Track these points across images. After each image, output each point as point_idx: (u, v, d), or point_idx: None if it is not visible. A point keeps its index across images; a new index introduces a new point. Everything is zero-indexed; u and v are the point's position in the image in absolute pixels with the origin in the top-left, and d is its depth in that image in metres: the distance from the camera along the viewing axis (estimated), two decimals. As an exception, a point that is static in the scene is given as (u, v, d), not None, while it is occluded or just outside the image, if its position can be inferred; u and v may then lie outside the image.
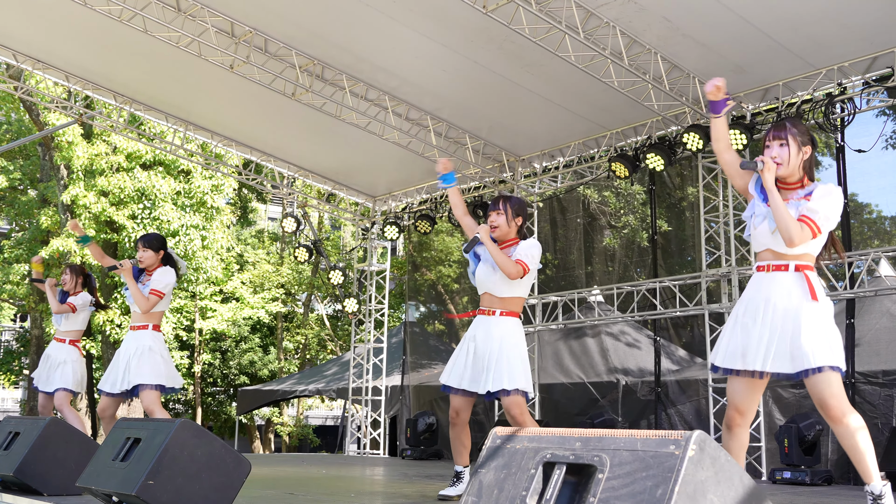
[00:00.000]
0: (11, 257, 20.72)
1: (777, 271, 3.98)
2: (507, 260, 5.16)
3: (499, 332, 5.23)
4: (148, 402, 6.29)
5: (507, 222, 5.33)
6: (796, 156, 4.02)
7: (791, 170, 4.03)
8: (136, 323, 6.49)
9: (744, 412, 3.99)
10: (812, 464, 8.58)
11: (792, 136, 4.01)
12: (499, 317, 5.29)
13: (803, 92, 9.44)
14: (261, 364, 24.69)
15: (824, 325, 3.88)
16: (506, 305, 5.30)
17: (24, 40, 11.00)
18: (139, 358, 6.31)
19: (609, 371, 12.29)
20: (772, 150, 4.04)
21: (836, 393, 3.80)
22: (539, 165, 12.42)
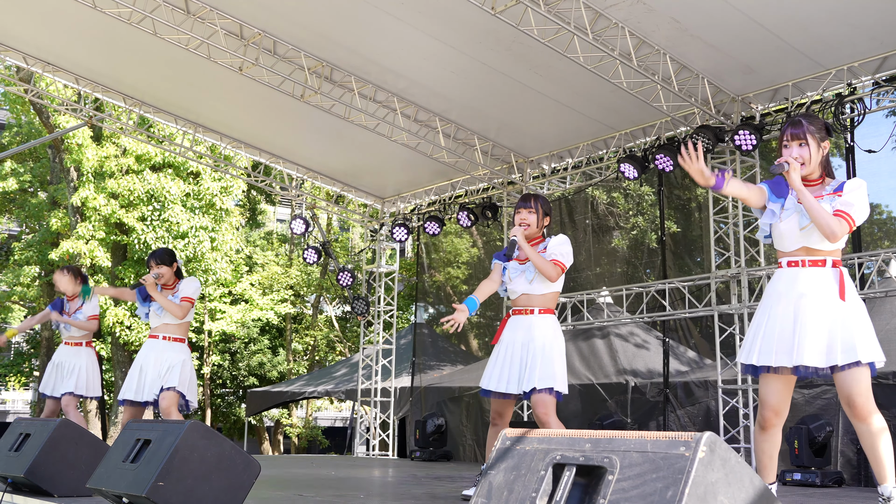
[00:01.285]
0: (22, 259, 20.80)
1: (813, 266, 3.94)
2: (545, 262, 5.12)
3: (540, 332, 5.17)
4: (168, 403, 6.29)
5: (537, 221, 5.30)
6: (817, 153, 3.99)
7: (813, 168, 4.00)
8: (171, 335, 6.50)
9: (780, 412, 3.96)
10: (822, 465, 8.55)
11: (810, 134, 3.98)
12: (538, 315, 5.22)
13: (813, 92, 9.42)
14: (270, 365, 24.73)
15: (860, 321, 3.85)
16: (542, 303, 5.25)
17: (34, 43, 11.05)
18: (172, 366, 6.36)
19: (618, 372, 12.27)
20: (791, 150, 3.99)
21: (863, 391, 3.78)
22: (548, 166, 12.41)
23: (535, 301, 5.24)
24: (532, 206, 5.29)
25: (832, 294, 3.88)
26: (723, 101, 9.82)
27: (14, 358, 27.46)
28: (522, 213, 5.28)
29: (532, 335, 5.16)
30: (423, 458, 12.68)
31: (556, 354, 5.15)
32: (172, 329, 6.50)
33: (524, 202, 5.32)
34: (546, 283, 5.19)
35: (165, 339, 6.48)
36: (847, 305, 3.86)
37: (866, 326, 3.86)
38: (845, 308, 3.85)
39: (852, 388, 3.78)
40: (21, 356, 26.95)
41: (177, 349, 6.45)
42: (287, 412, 26.01)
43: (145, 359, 6.47)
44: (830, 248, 3.95)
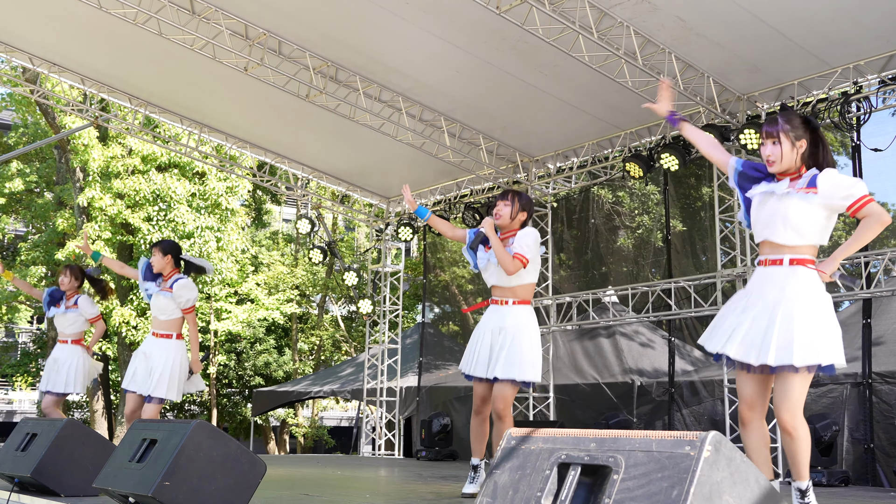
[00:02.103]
0: (28, 259, 20.86)
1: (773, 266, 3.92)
2: (506, 255, 5.21)
3: (511, 321, 5.28)
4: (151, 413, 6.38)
5: (511, 214, 5.39)
6: (790, 151, 3.93)
7: (786, 165, 3.94)
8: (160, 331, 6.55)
9: (753, 406, 3.91)
10: (829, 465, 8.53)
11: (784, 132, 3.93)
12: (511, 306, 5.34)
13: (818, 91, 9.40)
14: (276, 365, 24.75)
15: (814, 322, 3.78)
16: (516, 294, 5.35)
17: (39, 44, 11.07)
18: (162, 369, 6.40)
19: (624, 371, 12.26)
20: (766, 147, 3.98)
21: (793, 400, 3.74)
22: (553, 166, 12.40)
23: (508, 292, 5.37)
24: (508, 200, 5.40)
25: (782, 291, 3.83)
26: (728, 99, 9.80)
27: (21, 358, 27.53)
28: (498, 204, 5.41)
29: (504, 324, 5.28)
30: (428, 458, 12.68)
31: (525, 343, 5.24)
32: (159, 324, 6.55)
33: (502, 196, 5.46)
34: (517, 276, 5.28)
35: (154, 335, 6.56)
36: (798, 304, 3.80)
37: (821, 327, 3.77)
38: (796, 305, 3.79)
39: (779, 398, 3.76)
40: (28, 356, 27.01)
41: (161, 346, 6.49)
42: (293, 412, 26.03)
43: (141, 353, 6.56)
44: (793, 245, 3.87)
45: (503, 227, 5.40)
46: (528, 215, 5.47)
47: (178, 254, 6.70)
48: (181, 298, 6.49)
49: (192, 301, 6.55)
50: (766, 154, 3.97)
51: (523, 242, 5.28)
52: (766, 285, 3.89)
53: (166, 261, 6.59)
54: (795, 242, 3.85)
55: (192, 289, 6.56)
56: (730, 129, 9.70)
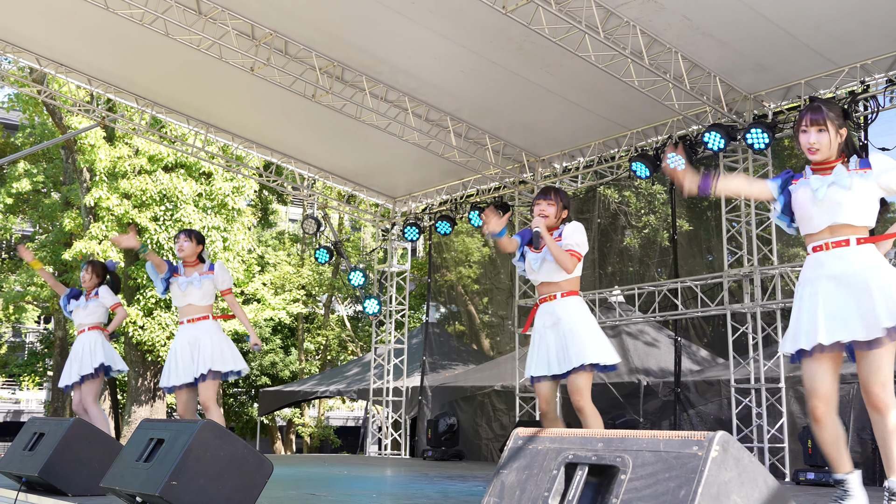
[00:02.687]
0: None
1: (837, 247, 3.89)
2: (563, 253, 5.24)
3: (565, 313, 5.29)
4: (207, 395, 6.36)
5: (556, 213, 5.41)
6: (835, 139, 3.93)
7: (828, 154, 3.94)
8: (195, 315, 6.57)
9: (829, 401, 3.84)
10: (836, 465, 8.49)
11: (829, 119, 3.92)
12: (560, 299, 5.34)
13: (826, 90, 9.37)
14: (282, 365, 24.78)
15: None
16: (562, 287, 5.36)
17: (46, 45, 11.10)
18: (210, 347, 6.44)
19: (630, 371, 12.24)
20: (809, 135, 3.94)
21: (882, 378, 3.68)
22: (559, 165, 12.39)
23: (555, 287, 5.36)
24: (552, 199, 5.39)
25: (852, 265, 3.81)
26: (735, 99, 9.78)
27: (28, 358, 27.61)
28: (542, 204, 5.39)
29: (558, 317, 5.28)
30: (435, 458, 12.69)
31: (583, 330, 5.21)
32: (196, 310, 6.56)
33: (544, 194, 5.42)
34: (564, 272, 5.30)
35: (191, 321, 6.54)
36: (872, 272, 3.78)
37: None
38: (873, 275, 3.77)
39: (870, 374, 3.70)
40: (35, 356, 27.09)
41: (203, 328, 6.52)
42: (299, 412, 26.06)
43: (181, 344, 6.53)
44: (855, 225, 3.86)
45: (548, 225, 5.41)
46: (569, 212, 5.53)
47: (204, 244, 6.84)
48: (223, 278, 6.61)
49: (230, 281, 6.69)
50: (809, 142, 3.94)
51: (575, 239, 5.31)
52: (831, 264, 3.86)
53: (199, 249, 6.68)
54: (860, 223, 3.85)
55: (228, 271, 6.74)
56: (736, 129, 9.68)
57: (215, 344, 6.44)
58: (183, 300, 6.58)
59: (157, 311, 18.04)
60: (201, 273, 6.58)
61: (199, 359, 6.39)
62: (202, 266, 6.64)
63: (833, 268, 3.85)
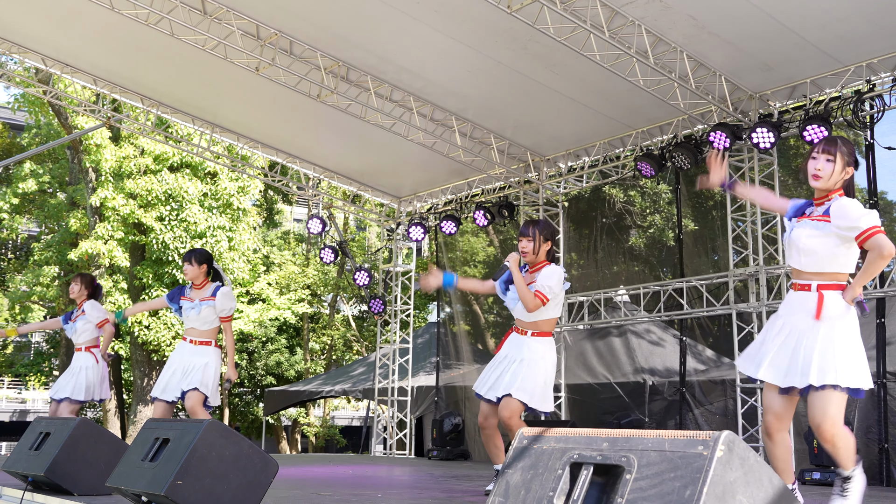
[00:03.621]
0: (41, 259, 20.96)
1: (800, 290, 4.04)
2: (528, 292, 5.35)
3: (529, 351, 5.44)
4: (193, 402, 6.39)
5: (535, 248, 5.51)
6: (839, 173, 4.02)
7: (829, 185, 4.03)
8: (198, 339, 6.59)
9: (782, 417, 4.02)
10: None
11: (841, 154, 4.02)
12: (529, 337, 5.48)
13: (831, 89, 9.35)
14: (287, 365, 24.80)
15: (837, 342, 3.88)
16: (536, 327, 5.50)
17: (52, 45, 11.12)
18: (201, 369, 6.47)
19: (635, 371, 12.23)
20: (818, 161, 4.03)
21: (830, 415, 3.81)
22: (564, 165, 12.38)
23: (530, 325, 5.52)
24: (530, 235, 5.52)
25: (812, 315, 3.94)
26: (740, 98, 9.77)
27: (34, 357, 27.69)
28: (522, 241, 5.56)
29: (521, 355, 5.44)
30: (440, 458, 12.69)
31: (540, 376, 5.39)
32: (198, 333, 6.59)
33: (524, 230, 5.58)
34: (538, 312, 5.43)
35: (192, 342, 6.58)
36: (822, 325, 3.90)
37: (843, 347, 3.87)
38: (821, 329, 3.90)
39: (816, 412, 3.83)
40: (41, 356, 27.16)
41: (201, 352, 6.53)
42: (304, 411, 26.07)
43: (175, 360, 6.60)
44: (817, 271, 3.99)
45: (532, 262, 5.56)
46: (551, 243, 5.62)
47: (211, 263, 6.77)
48: (224, 307, 6.57)
49: (232, 310, 6.65)
50: (815, 168, 4.04)
51: (546, 282, 5.41)
52: (794, 309, 4.02)
53: (202, 270, 6.64)
54: (812, 269, 3.98)
55: (232, 298, 6.68)
56: (742, 128, 9.66)
57: (207, 370, 6.46)
58: (187, 323, 6.65)
59: (163, 311, 18.06)
60: (202, 299, 6.57)
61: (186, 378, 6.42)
62: (209, 288, 6.62)
63: (794, 310, 4.01)
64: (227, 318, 6.61)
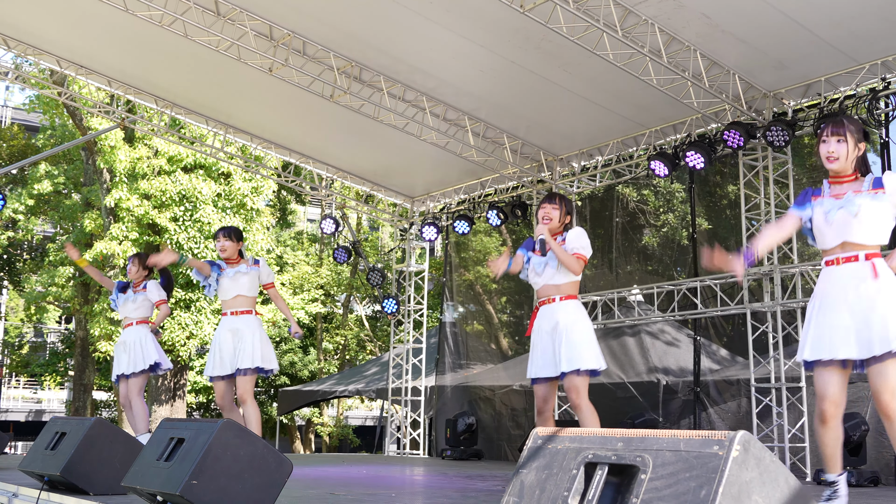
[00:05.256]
0: (56, 260, 21.06)
1: (847, 262, 4.11)
2: (569, 256, 5.42)
3: (563, 316, 5.45)
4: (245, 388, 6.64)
5: (560, 216, 5.58)
6: (853, 151, 4.16)
7: (846, 165, 4.17)
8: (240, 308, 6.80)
9: (839, 404, 4.08)
10: (858, 464, 8.45)
11: (850, 132, 4.16)
12: (559, 302, 5.50)
13: (846, 87, 9.30)
14: (301, 365, 24.85)
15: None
16: (561, 291, 5.52)
17: (67, 46, 11.17)
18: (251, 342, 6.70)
19: (649, 371, 12.19)
20: (829, 144, 4.17)
21: (890, 386, 3.90)
22: (577, 164, 12.36)
23: (554, 290, 5.53)
24: (556, 204, 5.59)
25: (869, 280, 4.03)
26: (754, 97, 9.73)
27: (49, 357, 27.82)
28: (547, 207, 5.60)
29: (556, 320, 5.45)
30: (454, 457, 12.69)
31: (578, 335, 5.40)
32: (239, 303, 6.81)
33: (549, 199, 5.64)
34: (567, 274, 5.49)
35: (234, 313, 6.81)
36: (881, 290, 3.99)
37: None
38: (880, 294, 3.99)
39: (879, 383, 3.93)
40: (56, 356, 27.28)
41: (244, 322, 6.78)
42: (318, 411, 26.12)
43: (220, 335, 6.78)
44: (867, 243, 4.09)
45: (551, 230, 5.57)
46: (571, 218, 5.71)
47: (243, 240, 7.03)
48: (267, 272, 6.92)
49: (273, 276, 7.03)
50: (827, 150, 4.17)
51: (581, 242, 5.49)
52: (845, 281, 4.08)
53: (238, 246, 6.88)
54: (870, 241, 4.09)
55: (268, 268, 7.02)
56: (756, 127, 9.62)
57: (256, 340, 6.69)
58: (232, 291, 6.80)
59: (177, 311, 18.13)
60: (249, 265, 6.85)
61: (241, 353, 6.64)
62: (246, 261, 6.89)
63: (844, 282, 4.08)
64: (270, 284, 6.95)
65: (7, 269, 25.92)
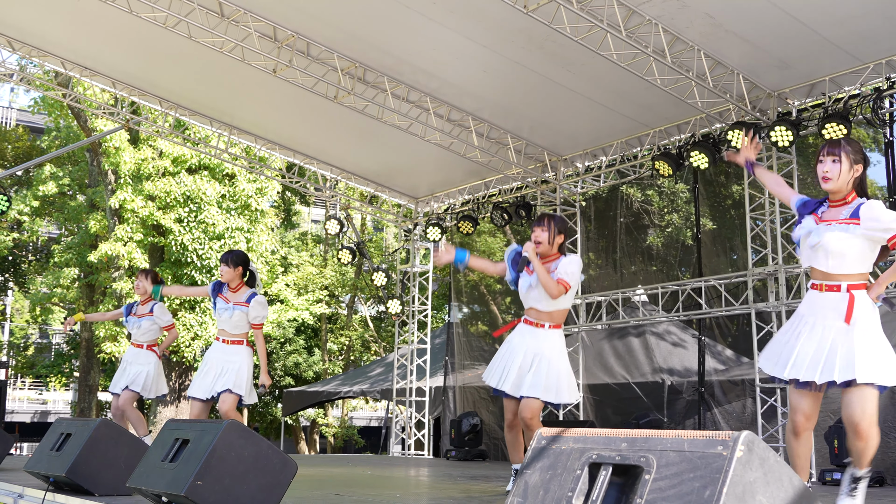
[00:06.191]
0: (61, 261, 21.09)
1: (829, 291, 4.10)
2: (550, 279, 5.35)
3: (548, 347, 5.43)
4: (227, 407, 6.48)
5: (549, 239, 5.52)
6: (847, 172, 4.12)
7: (840, 185, 4.14)
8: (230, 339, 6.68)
9: (810, 417, 4.10)
10: (863, 465, 8.42)
11: (846, 153, 4.13)
12: (547, 330, 5.48)
13: (850, 87, 9.29)
14: (305, 366, 24.86)
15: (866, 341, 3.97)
16: (552, 318, 5.49)
17: (71, 48, 11.20)
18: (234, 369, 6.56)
19: (654, 371, 12.19)
20: (825, 164, 4.15)
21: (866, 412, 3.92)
22: (581, 165, 12.36)
23: (545, 316, 5.50)
24: (545, 225, 5.53)
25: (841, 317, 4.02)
26: (758, 96, 9.72)
27: (55, 359, 27.86)
28: (536, 231, 5.55)
29: (540, 349, 5.43)
30: (458, 458, 12.68)
31: (563, 368, 5.44)
32: (230, 334, 6.68)
33: (538, 221, 5.60)
34: (554, 301, 5.43)
35: (225, 342, 6.68)
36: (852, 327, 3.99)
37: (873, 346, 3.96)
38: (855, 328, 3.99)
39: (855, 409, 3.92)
40: (62, 357, 27.32)
41: (234, 352, 6.64)
42: (323, 412, 26.13)
43: (209, 359, 6.69)
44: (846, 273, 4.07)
45: (543, 253, 5.52)
46: (564, 237, 5.62)
47: (248, 266, 6.80)
48: (257, 315, 6.63)
49: (264, 318, 6.72)
50: (823, 171, 4.15)
51: (568, 269, 5.43)
52: (825, 310, 4.09)
53: (237, 272, 6.67)
54: (841, 271, 4.07)
55: (265, 307, 6.73)
56: (760, 127, 9.61)
57: (241, 371, 6.55)
58: (219, 323, 6.72)
59: (182, 313, 18.16)
60: (237, 303, 6.62)
61: (221, 379, 6.51)
62: (244, 293, 6.66)
63: (824, 311, 4.07)
64: (258, 325, 6.68)
65: (12, 270, 25.96)
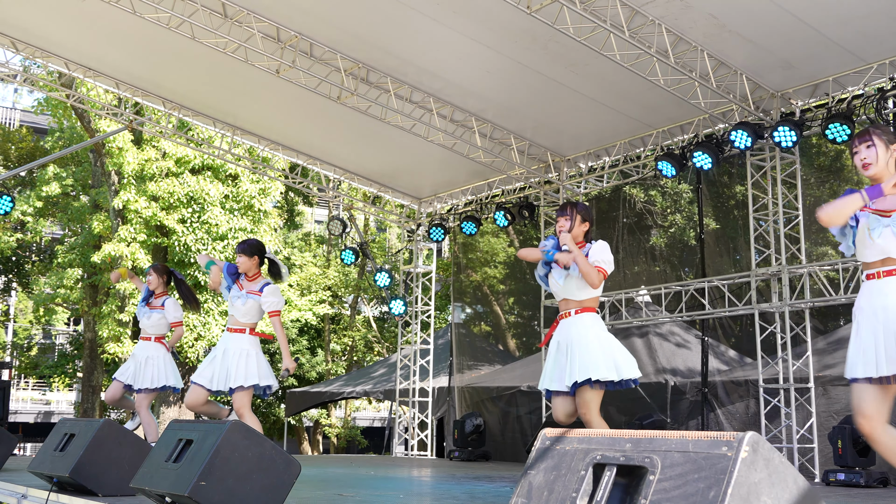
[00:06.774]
0: (65, 262, 21.11)
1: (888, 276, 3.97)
2: (592, 268, 5.29)
3: (577, 329, 5.37)
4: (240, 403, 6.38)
5: (572, 227, 5.46)
6: (885, 153, 4.03)
7: (880, 168, 4.03)
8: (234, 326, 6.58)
9: (871, 417, 3.92)
10: (867, 465, 8.42)
11: (877, 136, 4.05)
12: (573, 316, 5.42)
13: (854, 87, 9.28)
14: (308, 366, 24.86)
15: None
16: (582, 304, 5.44)
17: (75, 49, 11.21)
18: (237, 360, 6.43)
19: (657, 371, 12.17)
20: (860, 152, 4.07)
21: None
22: (584, 165, 12.35)
23: (573, 304, 5.44)
24: (568, 214, 5.47)
25: None
26: (762, 97, 9.71)
27: (58, 359, 27.87)
28: (560, 221, 5.49)
29: (570, 333, 5.36)
30: (461, 458, 12.68)
31: (594, 345, 5.28)
32: (237, 322, 6.55)
33: (561, 211, 5.52)
34: (586, 289, 5.37)
35: (230, 330, 6.56)
36: None
37: None
38: None
39: None
40: (65, 357, 27.33)
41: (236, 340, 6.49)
42: (326, 412, 26.13)
43: (217, 350, 6.57)
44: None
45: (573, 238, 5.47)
46: (590, 224, 5.55)
47: (264, 254, 6.74)
48: (269, 301, 6.48)
49: (279, 304, 6.58)
50: (861, 159, 4.06)
51: (601, 257, 5.37)
52: (884, 293, 3.96)
53: (254, 262, 6.60)
54: None
55: (278, 294, 6.60)
56: (763, 127, 9.60)
57: (243, 359, 6.41)
58: (230, 310, 6.63)
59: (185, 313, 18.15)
60: (249, 292, 6.52)
61: (225, 374, 6.39)
62: (258, 282, 6.56)
63: (886, 296, 3.94)
64: (275, 312, 6.52)
65: (16, 270, 25.99)
